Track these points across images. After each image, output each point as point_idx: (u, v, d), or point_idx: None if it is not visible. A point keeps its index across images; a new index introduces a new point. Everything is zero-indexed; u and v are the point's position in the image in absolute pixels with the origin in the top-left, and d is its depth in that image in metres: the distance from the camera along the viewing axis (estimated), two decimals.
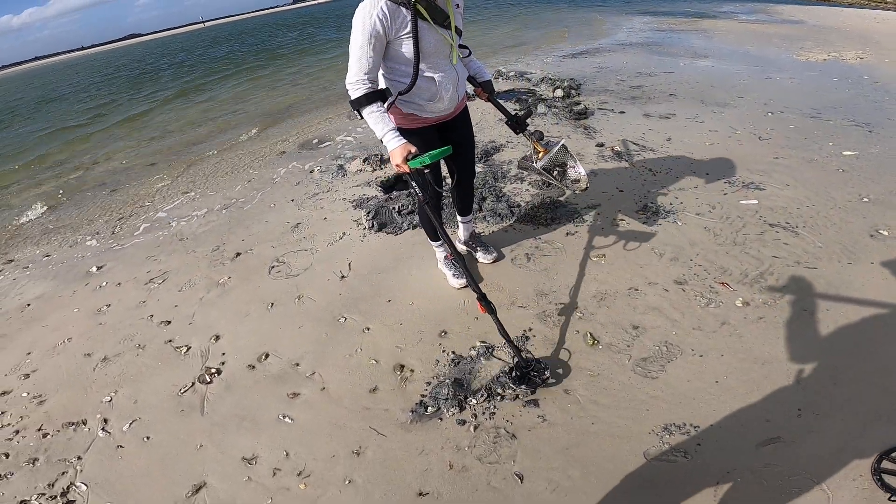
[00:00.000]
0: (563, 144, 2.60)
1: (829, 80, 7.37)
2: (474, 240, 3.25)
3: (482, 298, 2.23)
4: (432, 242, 3.05)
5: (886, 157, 4.25)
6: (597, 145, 4.84)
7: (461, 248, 3.28)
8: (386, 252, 3.48)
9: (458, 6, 2.23)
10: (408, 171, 2.05)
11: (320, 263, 3.45)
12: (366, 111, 2.09)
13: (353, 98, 2.09)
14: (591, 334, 2.54)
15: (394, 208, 3.97)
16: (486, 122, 5.87)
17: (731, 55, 9.60)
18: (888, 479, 1.74)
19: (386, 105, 2.16)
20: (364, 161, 4.98)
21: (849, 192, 3.66)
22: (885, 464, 1.78)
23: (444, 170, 2.87)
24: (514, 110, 5.65)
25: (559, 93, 6.53)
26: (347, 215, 4.05)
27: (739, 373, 2.24)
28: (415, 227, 3.71)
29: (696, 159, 4.38)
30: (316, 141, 6.32)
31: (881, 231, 3.15)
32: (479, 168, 4.55)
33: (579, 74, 8.09)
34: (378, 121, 2.08)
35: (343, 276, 3.26)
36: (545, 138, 2.64)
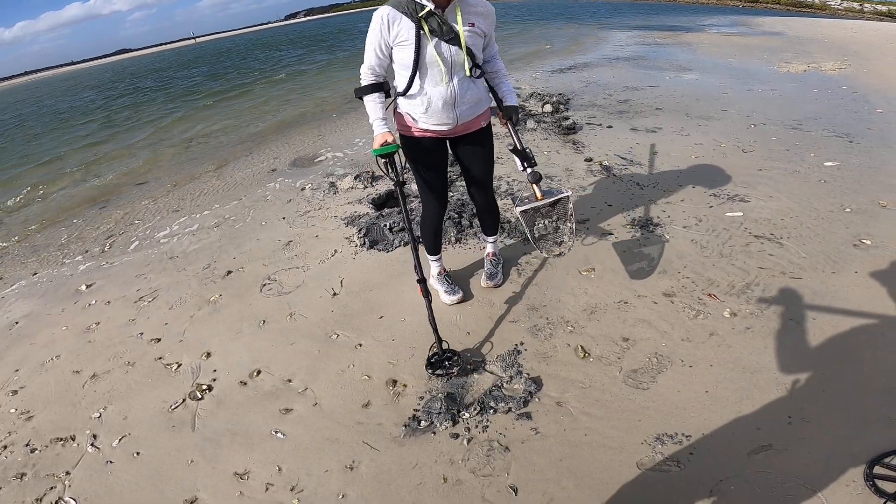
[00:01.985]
0: (567, 196, 2.42)
1: (810, 91, 7.55)
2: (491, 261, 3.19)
3: (422, 282, 2.53)
4: (429, 257, 3.07)
5: (867, 167, 4.36)
6: (585, 160, 4.91)
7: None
8: (377, 269, 3.49)
9: (472, 24, 2.24)
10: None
11: (312, 281, 3.46)
12: (366, 98, 2.37)
13: (359, 86, 2.38)
14: (582, 347, 2.56)
15: (385, 225, 3.99)
16: None
17: (714, 68, 9.80)
18: (881, 483, 1.74)
19: (389, 105, 2.43)
20: (355, 178, 5.01)
21: (831, 203, 3.74)
22: (878, 469, 1.79)
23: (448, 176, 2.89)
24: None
25: (548, 108, 6.63)
26: (339, 233, 4.07)
27: (729, 382, 2.27)
28: (405, 244, 3.73)
29: (683, 172, 4.45)
30: (307, 158, 6.35)
31: (864, 241, 3.21)
32: None
33: (567, 89, 8.22)
34: (373, 108, 2.36)
35: (335, 294, 3.27)
36: (542, 180, 2.52)
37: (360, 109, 2.78)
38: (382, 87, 2.36)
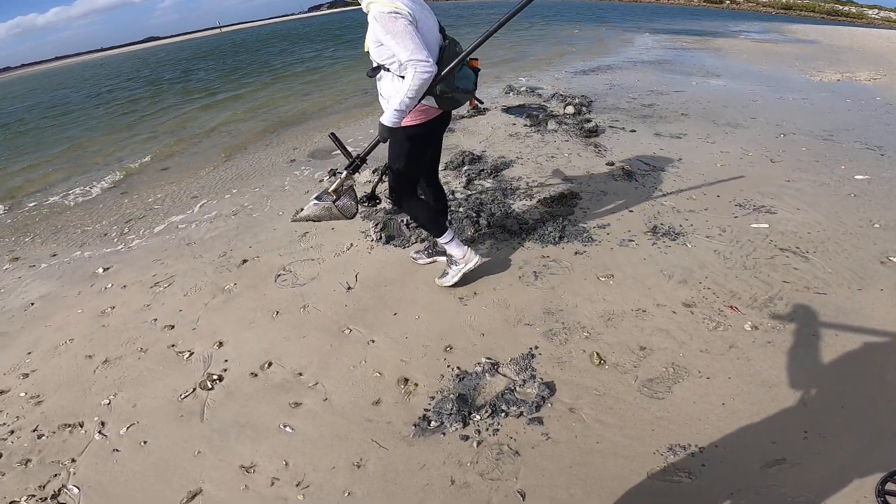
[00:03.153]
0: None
1: (842, 101, 7.37)
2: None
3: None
4: (440, 240, 2.98)
5: None
6: (607, 164, 4.84)
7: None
8: (393, 265, 3.47)
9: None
10: None
11: (327, 273, 3.45)
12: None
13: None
14: (597, 354, 2.51)
15: (402, 221, 3.97)
16: (497, 138, 5.89)
17: (743, 75, 9.63)
18: (893, 501, 1.71)
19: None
20: (373, 172, 5.00)
21: (860, 218, 3.63)
22: (890, 485, 1.76)
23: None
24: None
25: (570, 109, 6.56)
26: (355, 226, 4.05)
27: (746, 395, 2.22)
28: (422, 240, 3.70)
29: (707, 180, 4.37)
30: (325, 150, 6.35)
31: (891, 258, 3.12)
32: (488, 183, 4.55)
33: (591, 91, 8.13)
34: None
35: (349, 288, 3.25)
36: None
37: (377, 103, 2.73)
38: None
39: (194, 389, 2.56)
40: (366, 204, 3.08)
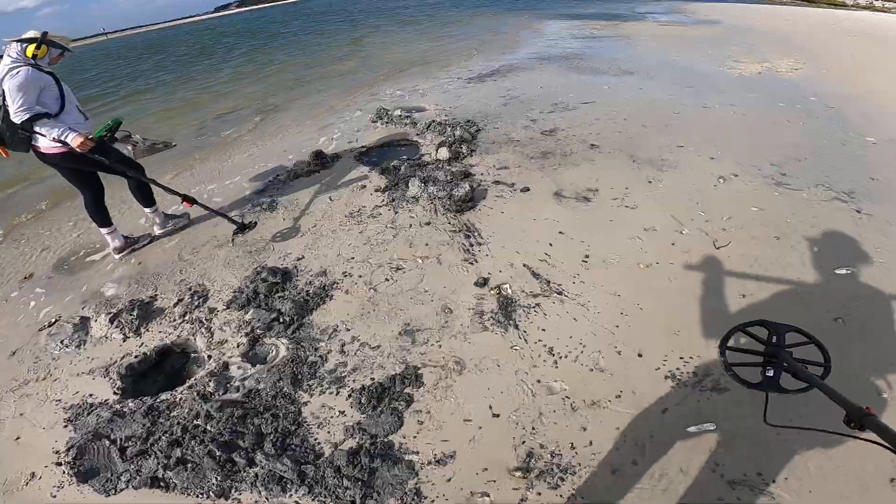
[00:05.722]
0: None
1: (775, 105, 6.11)
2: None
3: (185, 197, 3.75)
4: (102, 229, 3.84)
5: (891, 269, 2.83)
6: (476, 284, 3.13)
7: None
8: None
9: None
10: (93, 143, 3.28)
11: None
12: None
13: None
14: None
15: (114, 441, 2.18)
16: (329, 222, 4.11)
17: (658, 69, 8.29)
18: (730, 354, 1.49)
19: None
20: (112, 320, 3.12)
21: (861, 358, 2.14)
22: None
23: None
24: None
25: (444, 153, 4.83)
26: (47, 439, 2.23)
27: None
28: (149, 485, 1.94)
29: (624, 311, 2.79)
30: (70, 260, 4.21)
31: None
32: (282, 347, 2.82)
33: (482, 110, 6.45)
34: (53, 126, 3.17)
35: None
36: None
37: None
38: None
39: None
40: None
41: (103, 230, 3.87)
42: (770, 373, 1.37)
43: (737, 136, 5.03)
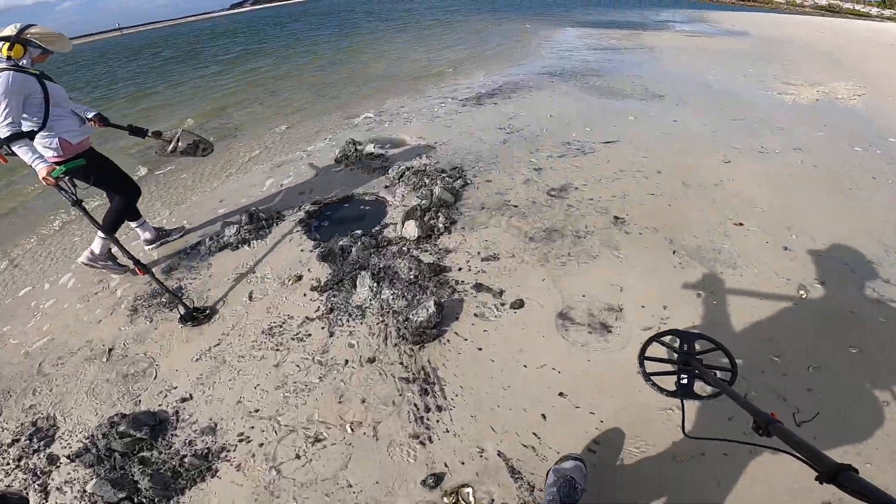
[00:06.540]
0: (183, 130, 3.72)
1: (850, 149, 4.74)
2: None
3: (138, 263, 2.94)
4: (102, 235, 3.27)
5: None
6: (424, 483, 1.88)
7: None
8: None
9: None
10: (53, 181, 2.68)
11: None
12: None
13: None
14: None
15: None
16: (237, 348, 2.79)
17: (692, 92, 6.94)
18: (648, 364, 1.48)
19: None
20: None
21: None
22: (651, 350, 1.50)
23: None
24: None
25: (411, 230, 3.43)
26: None
27: None
28: None
29: None
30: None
31: None
32: None
33: (473, 149, 5.08)
34: (27, 150, 2.70)
35: None
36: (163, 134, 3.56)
37: None
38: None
39: None
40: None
41: (132, 223, 3.74)
42: (684, 380, 1.37)
43: (813, 206, 3.66)
